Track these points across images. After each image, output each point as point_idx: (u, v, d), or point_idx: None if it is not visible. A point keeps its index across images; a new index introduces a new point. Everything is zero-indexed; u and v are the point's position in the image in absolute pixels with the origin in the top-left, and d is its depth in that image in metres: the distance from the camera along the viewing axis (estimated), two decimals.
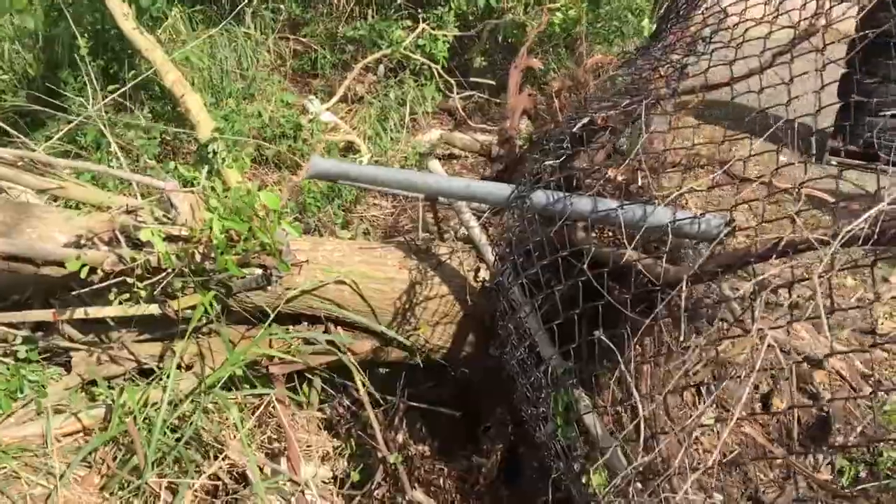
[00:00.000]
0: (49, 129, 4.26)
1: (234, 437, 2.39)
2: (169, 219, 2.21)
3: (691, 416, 1.84)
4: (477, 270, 2.44)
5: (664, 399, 1.59)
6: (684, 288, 1.47)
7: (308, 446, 2.77)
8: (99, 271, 2.10)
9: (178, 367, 2.49)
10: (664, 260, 1.53)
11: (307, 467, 2.59)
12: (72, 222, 2.21)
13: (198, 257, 2.15)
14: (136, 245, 2.15)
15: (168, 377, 2.25)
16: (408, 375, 2.70)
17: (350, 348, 2.49)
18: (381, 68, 5.48)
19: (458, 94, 5.31)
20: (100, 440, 2.17)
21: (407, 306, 2.37)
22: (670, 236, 1.58)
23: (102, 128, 3.45)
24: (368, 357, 2.57)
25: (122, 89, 3.95)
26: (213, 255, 2.15)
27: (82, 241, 2.11)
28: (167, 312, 2.20)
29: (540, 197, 1.81)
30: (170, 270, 2.13)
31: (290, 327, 2.55)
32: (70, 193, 2.35)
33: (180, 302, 2.13)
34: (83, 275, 1.98)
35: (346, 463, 2.82)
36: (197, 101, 4.53)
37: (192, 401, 2.32)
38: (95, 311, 2.15)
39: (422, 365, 2.57)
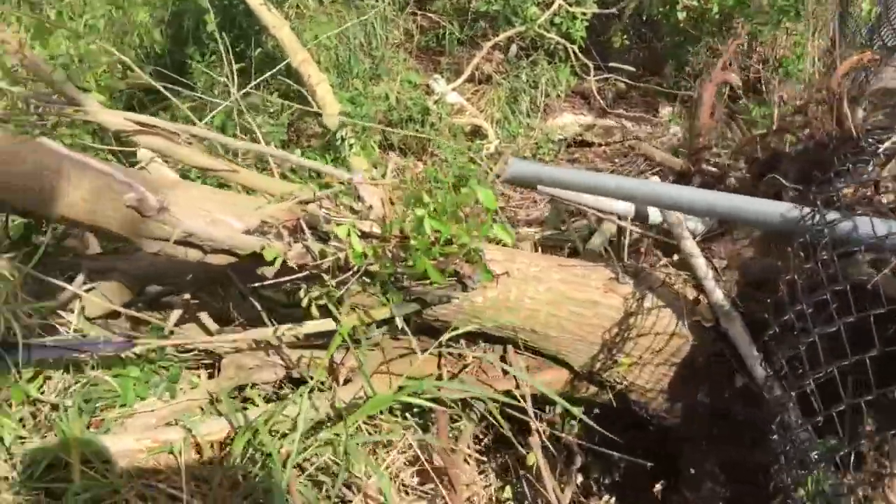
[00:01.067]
0: (176, 108, 4.23)
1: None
2: (356, 212, 2.06)
3: None
4: (696, 303, 2.18)
5: None
6: None
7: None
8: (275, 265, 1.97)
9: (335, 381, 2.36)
10: None
11: None
12: (252, 209, 2.07)
13: (388, 257, 1.99)
14: (321, 238, 2.00)
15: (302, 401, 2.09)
16: (586, 413, 2.46)
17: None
18: (514, 48, 5.26)
19: (594, 76, 5.04)
20: None
21: (617, 338, 2.13)
22: None
23: (244, 112, 3.37)
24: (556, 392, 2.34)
25: (261, 77, 3.88)
26: (405, 256, 1.99)
27: (265, 230, 1.98)
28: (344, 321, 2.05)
29: (848, 225, 1.53)
30: (356, 270, 1.97)
31: (464, 347, 2.36)
32: (242, 178, 2.23)
33: (369, 315, 1.97)
34: (276, 266, 1.85)
35: None
36: (325, 84, 4.43)
37: (328, 441, 2.16)
38: (314, 326, 2.03)
39: (615, 405, 2.33)
